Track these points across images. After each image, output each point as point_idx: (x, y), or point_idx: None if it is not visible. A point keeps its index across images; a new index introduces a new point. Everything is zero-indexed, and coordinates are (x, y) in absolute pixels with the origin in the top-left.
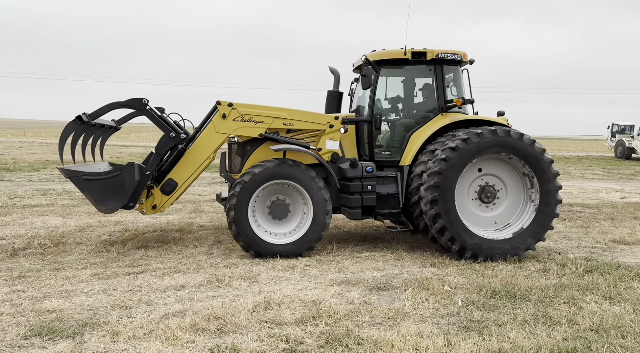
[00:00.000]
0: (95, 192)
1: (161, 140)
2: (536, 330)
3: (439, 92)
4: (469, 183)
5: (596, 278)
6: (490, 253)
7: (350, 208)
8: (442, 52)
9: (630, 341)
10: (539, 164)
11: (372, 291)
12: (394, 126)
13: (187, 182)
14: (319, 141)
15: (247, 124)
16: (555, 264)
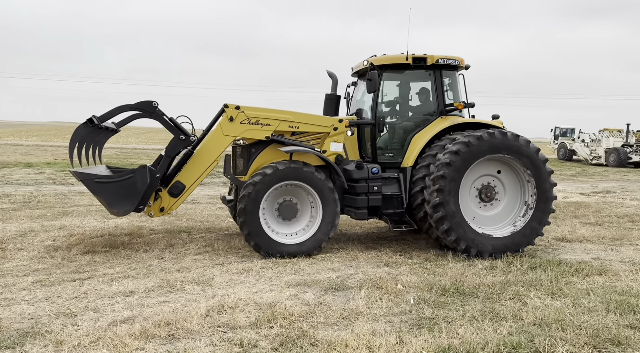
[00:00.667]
0: (108, 195)
1: (171, 143)
2: (483, 325)
3: (438, 96)
4: (470, 183)
5: (539, 275)
6: (493, 251)
7: (357, 208)
8: (442, 58)
9: (570, 333)
10: (535, 164)
11: (328, 292)
12: (396, 128)
13: (195, 184)
14: (323, 144)
15: (253, 127)
16: (501, 261)
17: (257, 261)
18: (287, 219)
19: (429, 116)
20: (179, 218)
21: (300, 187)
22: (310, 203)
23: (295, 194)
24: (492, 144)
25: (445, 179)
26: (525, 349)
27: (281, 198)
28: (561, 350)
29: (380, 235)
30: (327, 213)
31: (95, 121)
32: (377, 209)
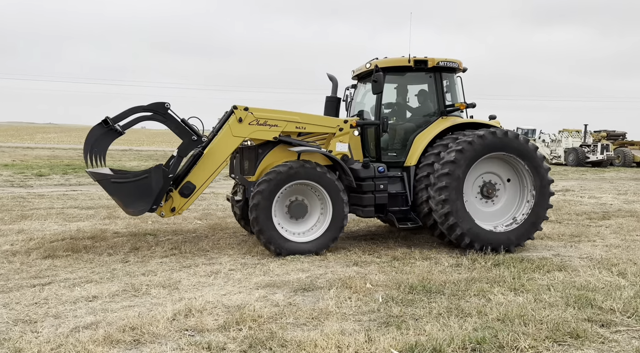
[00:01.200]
0: (124, 195)
1: (183, 144)
2: (449, 322)
3: (438, 97)
4: (472, 181)
5: (502, 271)
6: (496, 245)
7: (363, 206)
8: (442, 61)
9: (532, 328)
10: (534, 161)
11: (297, 292)
12: (399, 128)
13: (205, 184)
14: (328, 144)
15: (262, 128)
16: (466, 259)
17: (226, 263)
18: (297, 218)
19: (430, 116)
20: (144, 221)
21: (309, 186)
22: (320, 203)
23: (305, 193)
24: (493, 142)
25: (451, 176)
26: (490, 344)
27: (292, 196)
28: (523, 344)
29: (349, 235)
30: (336, 213)
31: (110, 122)
32: (383, 207)
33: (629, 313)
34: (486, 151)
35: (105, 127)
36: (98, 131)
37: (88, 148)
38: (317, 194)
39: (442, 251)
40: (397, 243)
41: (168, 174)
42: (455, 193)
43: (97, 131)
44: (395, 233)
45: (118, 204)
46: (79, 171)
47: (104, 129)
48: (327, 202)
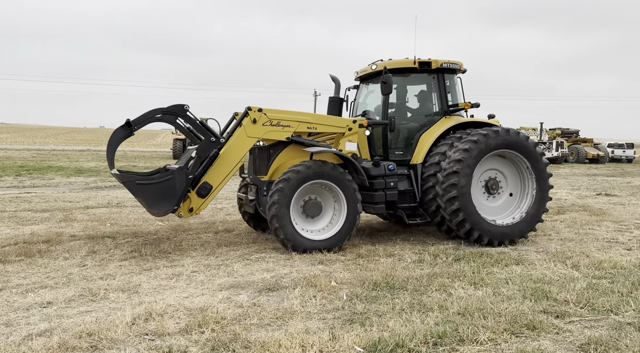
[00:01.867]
0: (148, 196)
1: (202, 145)
2: (412, 317)
3: (442, 98)
4: (478, 177)
5: (463, 266)
6: (502, 238)
7: (375, 203)
8: (445, 62)
9: (491, 321)
10: (534, 158)
11: (262, 293)
12: (404, 128)
13: (222, 185)
14: (337, 143)
15: (275, 129)
16: (428, 255)
17: (188, 265)
18: (312, 216)
19: (434, 116)
20: (102, 223)
21: (324, 186)
22: (333, 202)
23: (319, 193)
24: (497, 140)
25: (459, 174)
26: (450, 338)
27: (307, 196)
28: (483, 337)
29: None
30: (351, 211)
31: (132, 125)
32: (393, 204)
33: (581, 304)
34: (491, 149)
35: (128, 129)
36: (121, 133)
37: (112, 150)
38: (331, 194)
39: (405, 248)
40: (362, 240)
41: (189, 175)
42: (464, 190)
43: (120, 134)
44: (359, 231)
45: (142, 205)
46: (34, 173)
47: (126, 132)
48: (342, 201)
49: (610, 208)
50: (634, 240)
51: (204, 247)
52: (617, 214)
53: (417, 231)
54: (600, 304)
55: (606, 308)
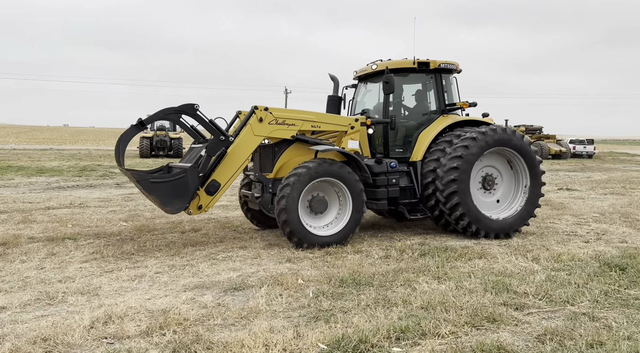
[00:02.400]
0: (162, 194)
1: (212, 143)
2: (376, 313)
3: (439, 97)
4: (475, 173)
5: (428, 261)
6: (498, 232)
7: (377, 200)
8: (443, 63)
9: (452, 314)
10: (528, 155)
11: (227, 292)
12: (404, 126)
13: (229, 182)
14: (340, 141)
15: (281, 127)
16: (395, 250)
17: (152, 266)
18: (318, 213)
19: (432, 114)
20: (63, 224)
21: (330, 183)
22: (338, 198)
23: (323, 189)
24: (494, 138)
25: (458, 170)
26: (413, 332)
27: (314, 192)
28: (444, 330)
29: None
30: (356, 208)
31: (144, 124)
32: (395, 200)
33: (540, 296)
34: (489, 146)
35: (141, 128)
36: (133, 132)
37: (125, 148)
38: (336, 191)
39: (372, 245)
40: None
41: (199, 173)
42: (463, 186)
43: (132, 132)
44: None
45: (155, 203)
46: None
47: (139, 130)
48: (348, 198)
49: (571, 202)
50: (591, 233)
51: (169, 247)
52: (577, 208)
53: (385, 228)
54: (557, 296)
55: (563, 299)
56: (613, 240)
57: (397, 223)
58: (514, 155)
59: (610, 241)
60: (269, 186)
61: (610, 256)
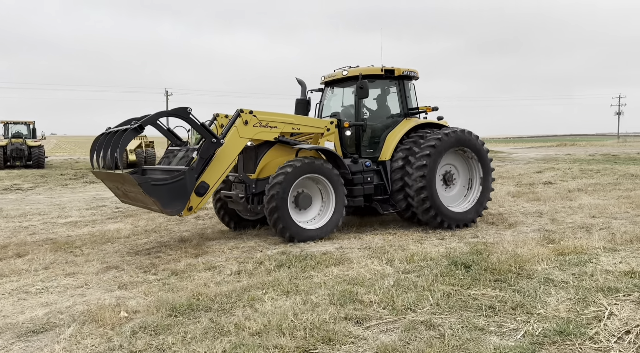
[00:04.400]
0: (163, 196)
1: (204, 145)
2: (199, 347)
3: (402, 101)
4: (438, 170)
5: (282, 273)
6: (458, 222)
7: (354, 196)
8: (406, 70)
9: (286, 338)
10: (482, 155)
11: (21, 337)
12: (372, 128)
13: (217, 183)
14: (317, 142)
15: (264, 129)
16: (252, 263)
17: None
18: (303, 208)
19: (396, 117)
20: None
21: (313, 180)
22: (321, 194)
23: (307, 186)
24: (456, 139)
25: (426, 167)
26: None
27: (299, 189)
28: None
29: (136, 248)
30: (339, 202)
31: (143, 127)
32: (370, 196)
33: (383, 304)
34: (451, 146)
35: (140, 131)
36: (132, 136)
37: (123, 152)
38: (318, 187)
39: (230, 259)
40: (185, 253)
41: (195, 175)
42: (431, 181)
43: (131, 136)
44: (186, 243)
45: (154, 206)
46: None
47: (138, 134)
48: (331, 193)
49: None
50: (447, 230)
51: None
52: None
53: (249, 237)
54: (400, 302)
55: (405, 305)
56: (466, 236)
57: (263, 233)
58: (470, 154)
59: (463, 237)
60: (252, 186)
61: (459, 253)
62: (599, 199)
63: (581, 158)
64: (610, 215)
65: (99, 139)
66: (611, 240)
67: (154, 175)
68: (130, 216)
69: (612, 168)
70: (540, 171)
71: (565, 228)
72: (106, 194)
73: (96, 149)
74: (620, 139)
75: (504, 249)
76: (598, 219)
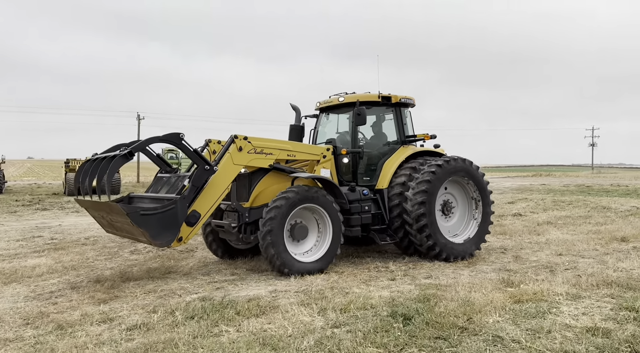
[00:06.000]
0: (152, 227)
1: (197, 173)
2: None
3: (399, 129)
4: (437, 200)
5: (187, 328)
6: (457, 254)
7: (351, 226)
8: (402, 98)
9: None
10: (482, 185)
11: None
12: (369, 155)
13: (209, 213)
14: (312, 170)
15: (259, 156)
16: (162, 312)
17: None
18: (299, 239)
19: (393, 145)
20: None
21: (309, 210)
22: (318, 224)
23: (303, 216)
24: (455, 167)
25: (426, 193)
26: None
27: (293, 220)
28: None
29: (37, 291)
30: (336, 233)
31: (133, 154)
32: (367, 226)
33: None
34: (450, 174)
35: (129, 158)
36: (122, 162)
37: (111, 179)
38: (315, 217)
39: (138, 306)
40: (90, 299)
41: (186, 203)
42: (430, 209)
43: (121, 163)
44: (100, 284)
45: (142, 238)
46: None
47: (127, 160)
48: (328, 223)
49: None
50: (402, 267)
51: None
52: None
53: (175, 277)
54: None
55: None
56: (419, 276)
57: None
58: (468, 182)
59: (416, 278)
60: (245, 215)
61: (405, 299)
62: (568, 234)
63: (555, 188)
64: (578, 253)
65: (84, 165)
66: (576, 283)
67: (142, 204)
68: (60, 250)
69: (585, 200)
70: (513, 201)
71: (528, 267)
72: (51, 222)
73: (81, 175)
74: (595, 170)
75: (456, 294)
76: (564, 258)
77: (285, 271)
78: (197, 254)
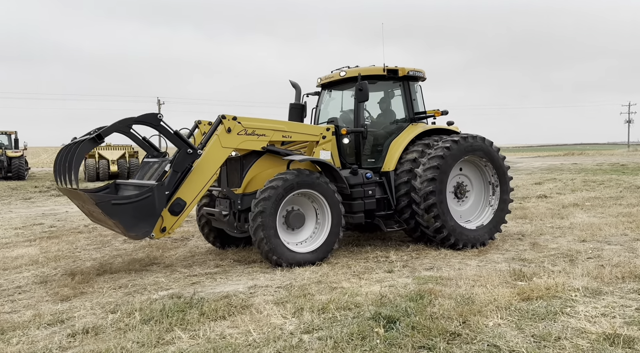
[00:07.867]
0: (126, 217)
1: (178, 157)
2: None
3: (408, 105)
4: (449, 181)
5: (137, 333)
6: (474, 241)
7: (354, 213)
8: (411, 70)
9: None
10: (497, 162)
11: None
12: (374, 135)
13: (195, 200)
14: (311, 152)
15: (250, 138)
16: (121, 312)
17: None
18: (294, 228)
19: (401, 123)
20: None
21: (307, 196)
22: (316, 212)
23: (300, 203)
24: (473, 146)
25: (438, 170)
26: None
27: (289, 206)
28: None
29: (3, 286)
30: (335, 222)
31: (102, 137)
32: (372, 212)
33: None
34: (462, 154)
35: (98, 142)
36: (90, 146)
37: (79, 165)
38: (314, 206)
39: (98, 305)
40: (53, 296)
41: (165, 190)
42: (441, 196)
43: (88, 147)
44: (71, 277)
45: (117, 229)
46: None
47: (96, 144)
48: (326, 211)
49: None
50: (404, 257)
51: None
52: None
53: (155, 270)
54: None
55: None
56: (420, 267)
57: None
58: (486, 164)
59: (416, 269)
60: (237, 202)
61: (396, 295)
62: (595, 217)
63: (587, 167)
64: (604, 239)
65: (61, 151)
66: (597, 275)
67: (126, 191)
68: (53, 238)
69: (618, 179)
70: (540, 182)
71: (545, 256)
72: (59, 209)
73: (58, 162)
74: (631, 148)
75: (456, 289)
76: (588, 244)
77: (273, 258)
78: (191, 243)
